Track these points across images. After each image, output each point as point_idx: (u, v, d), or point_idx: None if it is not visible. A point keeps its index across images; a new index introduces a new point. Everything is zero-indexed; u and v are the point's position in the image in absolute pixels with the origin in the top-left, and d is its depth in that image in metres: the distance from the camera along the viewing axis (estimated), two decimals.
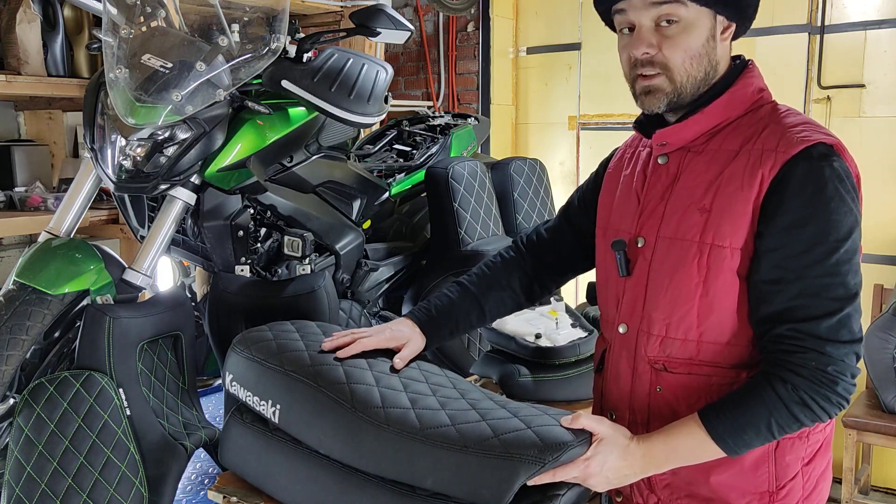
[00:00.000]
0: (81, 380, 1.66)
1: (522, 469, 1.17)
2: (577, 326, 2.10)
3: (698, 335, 1.26)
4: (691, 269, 1.24)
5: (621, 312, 1.35)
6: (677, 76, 1.25)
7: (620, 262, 1.34)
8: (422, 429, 1.25)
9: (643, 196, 1.35)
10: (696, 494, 1.28)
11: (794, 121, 1.24)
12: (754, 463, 1.25)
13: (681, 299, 1.26)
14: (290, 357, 1.43)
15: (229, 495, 1.50)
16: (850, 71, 3.33)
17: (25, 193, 2.86)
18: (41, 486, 1.60)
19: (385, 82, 2.07)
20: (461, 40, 4.41)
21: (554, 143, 4.40)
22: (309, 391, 1.37)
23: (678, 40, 1.24)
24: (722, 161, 1.25)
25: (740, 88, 1.28)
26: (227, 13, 1.86)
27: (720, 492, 1.27)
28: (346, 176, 2.35)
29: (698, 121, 1.28)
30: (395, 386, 1.38)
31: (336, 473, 1.36)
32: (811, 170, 1.17)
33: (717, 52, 1.26)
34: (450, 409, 1.31)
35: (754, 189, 1.20)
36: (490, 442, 1.20)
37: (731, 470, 1.25)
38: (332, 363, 1.42)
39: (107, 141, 1.88)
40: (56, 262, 1.81)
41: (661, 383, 1.30)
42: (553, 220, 1.64)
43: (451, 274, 2.49)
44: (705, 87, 1.27)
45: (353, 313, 2.24)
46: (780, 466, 1.26)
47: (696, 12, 1.23)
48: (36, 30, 2.77)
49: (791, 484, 1.27)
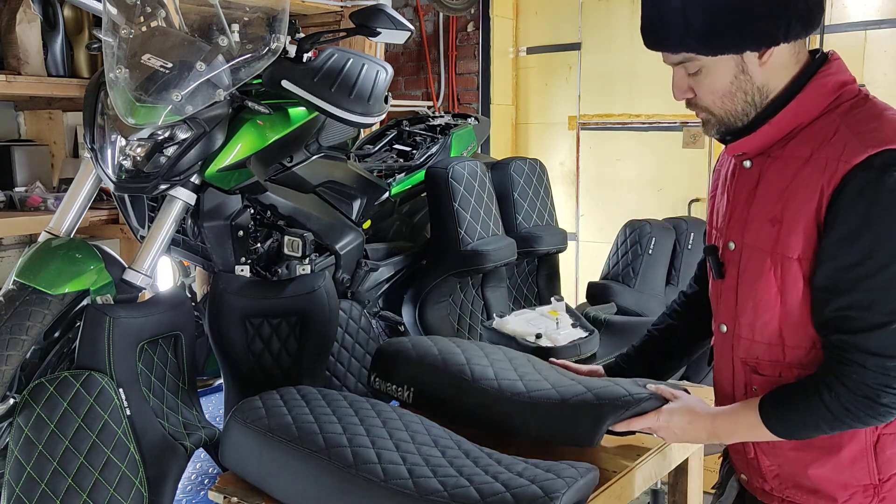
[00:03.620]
0: (81, 380, 1.66)
1: (610, 413, 1.47)
2: (578, 326, 2.11)
3: (782, 341, 1.30)
4: (769, 279, 1.27)
5: (720, 312, 1.40)
6: (716, 112, 1.29)
7: (713, 267, 1.39)
8: (528, 391, 1.57)
9: (732, 199, 1.36)
10: (802, 486, 1.33)
11: (870, 122, 1.21)
12: (852, 458, 1.28)
13: (762, 307, 1.29)
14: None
15: (229, 495, 1.50)
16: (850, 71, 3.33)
17: (25, 193, 2.86)
18: (41, 486, 1.59)
19: (385, 82, 2.06)
20: (461, 40, 4.41)
21: (554, 143, 4.40)
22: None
23: (704, 84, 1.27)
24: (794, 168, 1.24)
25: (812, 91, 1.25)
26: (227, 13, 1.86)
27: (821, 484, 1.31)
28: (346, 176, 2.35)
29: (766, 132, 1.27)
30: (488, 374, 1.67)
31: (336, 473, 1.36)
32: (869, 181, 1.15)
33: (757, 80, 1.25)
34: (552, 379, 1.62)
35: (815, 201, 1.20)
36: (586, 395, 1.52)
37: (828, 465, 1.29)
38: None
39: (107, 141, 1.88)
40: (56, 262, 1.81)
41: (755, 383, 1.35)
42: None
43: (451, 274, 2.49)
44: (756, 109, 1.28)
45: (353, 313, 2.24)
46: (881, 461, 1.28)
47: (712, 59, 1.24)
48: (36, 30, 2.77)
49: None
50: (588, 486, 1.36)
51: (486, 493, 1.27)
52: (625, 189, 4.21)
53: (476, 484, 1.30)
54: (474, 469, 1.36)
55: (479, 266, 2.49)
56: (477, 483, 1.30)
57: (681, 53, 1.26)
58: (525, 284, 2.87)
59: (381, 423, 1.50)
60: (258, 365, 1.99)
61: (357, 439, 1.42)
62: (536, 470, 1.34)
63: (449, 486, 1.30)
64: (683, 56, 1.26)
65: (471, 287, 2.64)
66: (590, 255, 4.33)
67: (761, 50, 1.23)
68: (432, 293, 2.51)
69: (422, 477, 1.32)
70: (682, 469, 1.88)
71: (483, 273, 2.59)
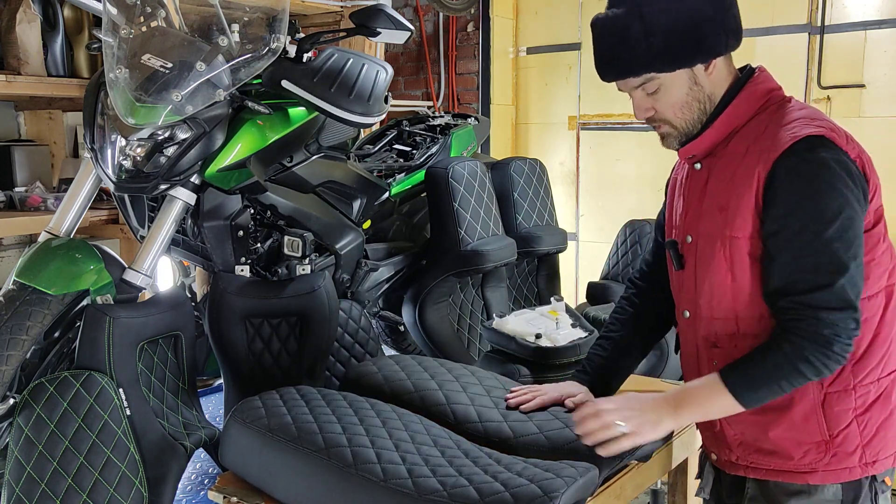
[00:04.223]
0: (81, 380, 1.66)
1: (606, 465, 1.47)
2: (578, 326, 2.11)
3: (735, 314, 1.45)
4: (721, 260, 1.44)
5: (682, 300, 1.56)
6: (676, 123, 1.47)
7: (674, 259, 1.56)
8: (515, 436, 1.53)
9: (687, 198, 1.54)
10: (763, 448, 1.47)
11: (791, 117, 1.41)
12: (803, 416, 1.42)
13: (717, 286, 1.46)
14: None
15: (229, 495, 1.50)
16: (850, 71, 3.33)
17: (25, 193, 2.86)
18: (41, 486, 1.60)
19: (385, 82, 2.07)
20: (461, 40, 4.41)
21: (554, 143, 4.40)
22: None
23: (663, 100, 1.45)
24: (735, 162, 1.43)
25: (745, 97, 1.45)
26: (227, 13, 1.86)
27: (779, 444, 1.45)
28: (346, 176, 2.35)
29: (710, 135, 1.46)
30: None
31: (336, 473, 1.36)
32: (797, 162, 1.34)
33: (706, 88, 1.45)
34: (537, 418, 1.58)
35: (754, 186, 1.38)
36: (578, 446, 1.47)
37: (782, 425, 1.44)
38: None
39: (107, 141, 1.88)
40: (56, 262, 1.81)
41: (716, 358, 1.49)
42: (650, 243, 1.84)
43: (451, 274, 2.49)
44: (706, 115, 1.46)
45: (353, 313, 2.24)
46: (829, 417, 1.42)
47: (670, 75, 1.42)
48: (36, 30, 2.77)
49: (846, 431, 1.42)
50: (588, 486, 1.36)
51: (485, 493, 1.27)
52: (625, 189, 4.21)
53: (475, 483, 1.30)
54: (474, 469, 1.36)
55: (479, 266, 2.49)
56: (476, 483, 1.30)
57: (642, 76, 1.42)
58: (525, 284, 2.87)
59: (381, 422, 1.50)
60: (258, 365, 1.99)
61: (356, 439, 1.42)
62: (536, 469, 1.34)
63: (448, 486, 1.30)
64: (645, 78, 1.43)
65: (471, 287, 2.64)
66: (590, 255, 4.33)
67: (708, 62, 1.42)
68: (432, 293, 2.51)
69: (421, 477, 1.32)
70: (682, 469, 1.89)
71: (483, 273, 2.59)
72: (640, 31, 1.38)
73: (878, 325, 1.42)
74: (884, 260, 1.42)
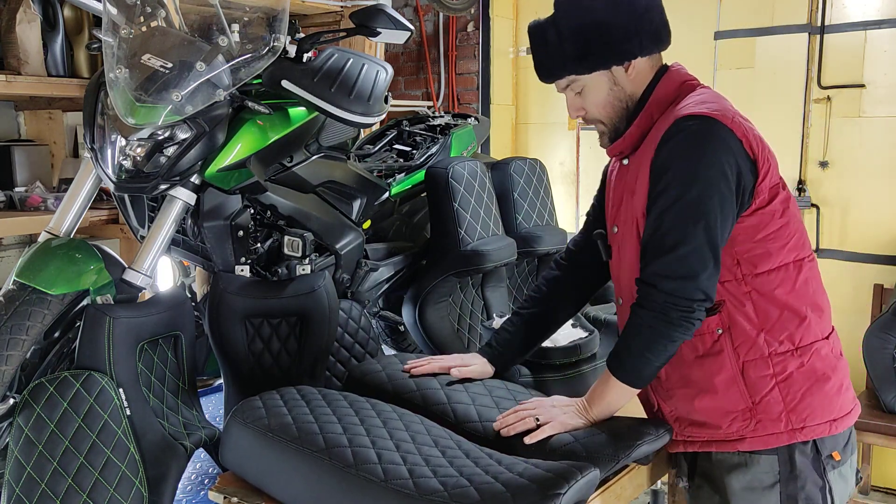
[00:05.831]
0: (81, 380, 1.66)
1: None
2: (578, 327, 2.11)
3: None
4: (634, 241, 1.54)
5: (617, 287, 1.65)
6: (605, 122, 1.59)
7: (602, 249, 1.67)
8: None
9: (615, 191, 1.64)
10: (694, 421, 1.55)
11: (687, 101, 1.50)
12: (725, 386, 1.50)
13: (633, 266, 1.54)
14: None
15: (229, 495, 1.50)
16: (850, 71, 3.33)
17: (25, 193, 2.86)
18: (41, 486, 1.60)
19: (385, 82, 2.07)
20: (461, 40, 4.41)
21: (554, 143, 4.40)
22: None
23: (589, 100, 1.57)
24: (648, 152, 1.51)
25: (658, 92, 1.54)
26: (227, 13, 1.86)
27: (707, 416, 1.53)
28: (346, 176, 2.35)
29: (632, 132, 1.56)
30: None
31: (337, 473, 1.36)
32: (670, 135, 1.44)
33: (627, 88, 1.55)
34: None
35: (648, 165, 1.49)
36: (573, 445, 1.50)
37: (707, 395, 1.51)
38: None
39: (107, 141, 1.88)
40: (56, 262, 1.81)
41: None
42: (583, 225, 1.87)
43: (451, 274, 2.49)
44: (630, 112, 1.56)
45: (353, 313, 2.24)
46: (749, 384, 1.49)
47: (589, 76, 1.54)
48: (36, 30, 2.77)
49: (768, 398, 1.48)
50: (588, 486, 1.36)
51: (486, 494, 1.27)
52: None
53: (476, 484, 1.30)
54: (475, 469, 1.36)
55: (479, 266, 2.49)
56: (477, 483, 1.30)
57: (565, 77, 1.55)
58: (525, 284, 2.87)
59: (382, 423, 1.50)
60: (258, 365, 1.99)
61: (357, 439, 1.42)
62: (537, 470, 1.34)
63: (449, 487, 1.30)
64: (568, 79, 1.56)
65: (471, 287, 2.64)
66: None
67: (624, 64, 1.53)
68: (432, 293, 2.51)
69: (422, 477, 1.32)
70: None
71: (483, 273, 2.59)
72: (556, 37, 1.52)
73: (785, 297, 1.47)
74: (783, 234, 1.48)
